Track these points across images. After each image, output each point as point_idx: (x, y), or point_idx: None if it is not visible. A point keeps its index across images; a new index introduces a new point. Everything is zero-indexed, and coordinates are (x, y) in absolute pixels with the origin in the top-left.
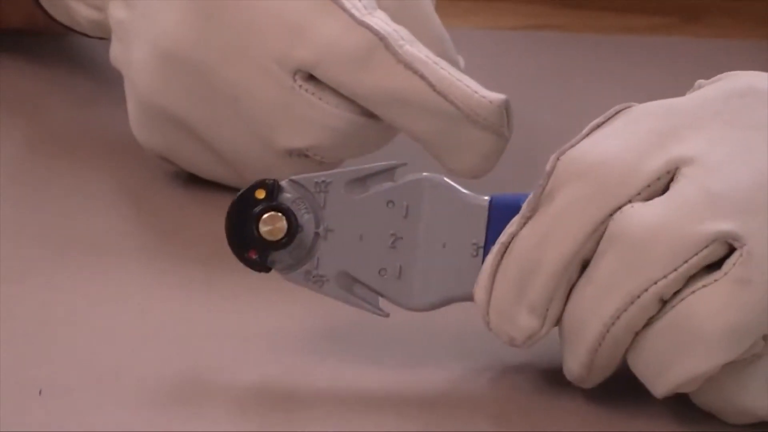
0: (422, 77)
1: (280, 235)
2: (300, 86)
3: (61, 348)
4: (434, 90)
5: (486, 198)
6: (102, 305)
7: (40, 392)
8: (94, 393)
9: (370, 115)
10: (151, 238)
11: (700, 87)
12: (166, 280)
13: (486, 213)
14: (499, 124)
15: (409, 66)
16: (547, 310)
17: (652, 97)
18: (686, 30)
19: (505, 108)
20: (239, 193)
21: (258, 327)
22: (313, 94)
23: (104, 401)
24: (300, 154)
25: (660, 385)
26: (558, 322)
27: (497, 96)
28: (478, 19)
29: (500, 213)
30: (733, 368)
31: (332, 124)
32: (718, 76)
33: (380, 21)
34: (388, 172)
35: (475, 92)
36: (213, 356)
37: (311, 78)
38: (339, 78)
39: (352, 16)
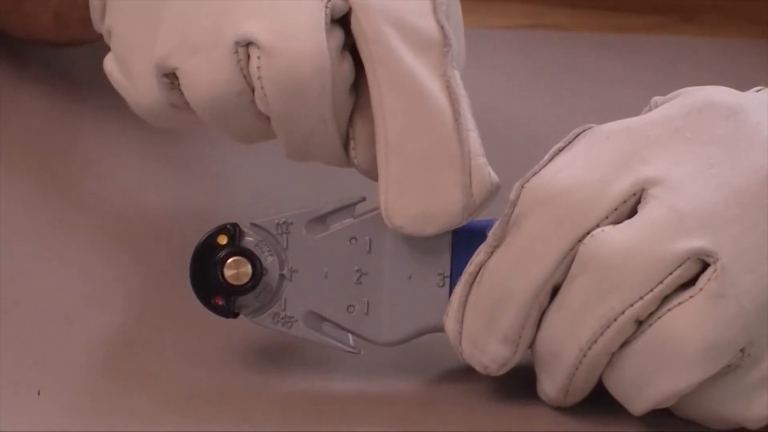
0: (453, 103)
1: (245, 280)
2: (327, 7)
3: (59, 349)
4: (455, 121)
5: None
6: (101, 306)
7: (38, 392)
8: (93, 394)
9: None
10: (149, 239)
11: (656, 105)
12: (166, 281)
13: (449, 242)
14: (477, 199)
15: (449, 85)
16: (520, 337)
17: (647, 96)
18: (682, 29)
19: (492, 193)
20: (200, 240)
21: (243, 330)
22: (327, 15)
23: (102, 402)
24: (244, 52)
25: (638, 403)
26: (530, 345)
27: (496, 178)
28: (472, 19)
29: (463, 241)
30: (710, 380)
31: (312, 39)
32: (675, 92)
33: (453, 35)
34: (347, 208)
35: (483, 156)
36: (211, 357)
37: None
38: (380, 26)
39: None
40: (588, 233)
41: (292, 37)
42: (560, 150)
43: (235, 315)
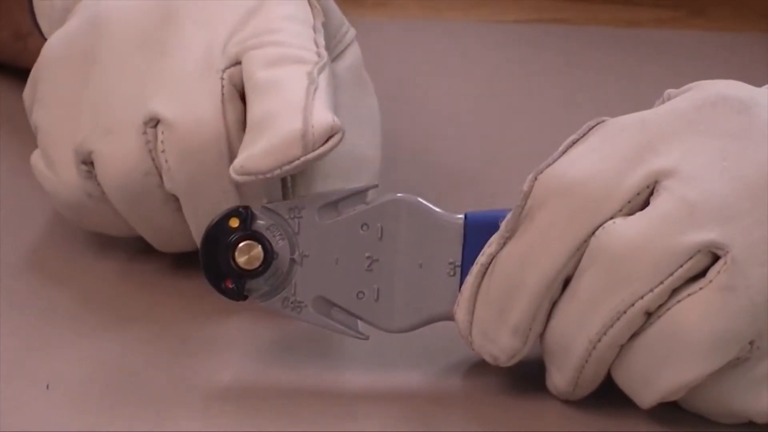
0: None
1: (256, 263)
2: (222, 78)
3: (67, 343)
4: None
5: (460, 216)
6: (109, 298)
7: (47, 386)
8: (100, 388)
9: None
10: None
11: (669, 98)
12: (172, 275)
13: (461, 231)
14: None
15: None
16: (530, 329)
17: (658, 90)
18: (692, 23)
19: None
20: (211, 222)
21: (251, 322)
22: (224, 86)
23: (110, 396)
24: (153, 133)
25: (646, 396)
26: (540, 337)
27: None
28: (482, 13)
29: (475, 231)
30: (718, 372)
31: (205, 111)
32: (688, 86)
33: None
34: (360, 194)
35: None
36: (217, 355)
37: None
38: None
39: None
40: (601, 225)
41: (191, 108)
42: (574, 142)
43: (245, 298)
